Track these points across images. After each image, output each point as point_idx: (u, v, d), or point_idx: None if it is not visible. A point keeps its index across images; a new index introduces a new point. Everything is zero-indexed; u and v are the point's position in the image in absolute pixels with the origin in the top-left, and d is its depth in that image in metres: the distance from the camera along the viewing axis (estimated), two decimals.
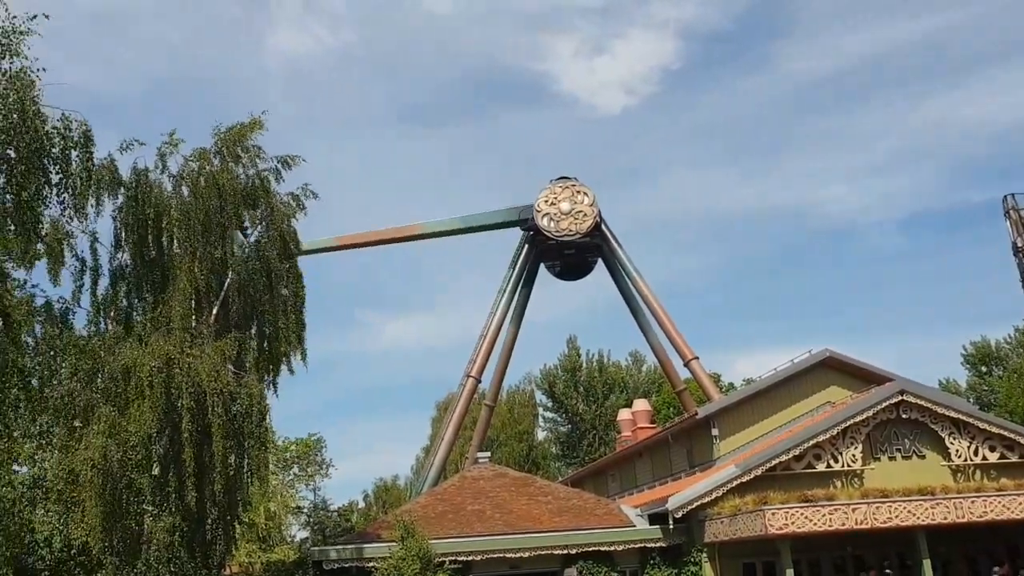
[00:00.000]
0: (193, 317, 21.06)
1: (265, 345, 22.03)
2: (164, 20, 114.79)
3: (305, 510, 40.49)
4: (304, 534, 39.55)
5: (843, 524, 23.56)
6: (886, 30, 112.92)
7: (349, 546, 26.11)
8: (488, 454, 34.33)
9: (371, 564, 24.80)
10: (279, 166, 22.01)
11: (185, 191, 21.27)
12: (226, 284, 21.69)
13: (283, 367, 22.45)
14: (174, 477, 19.40)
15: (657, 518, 26.42)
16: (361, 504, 70.98)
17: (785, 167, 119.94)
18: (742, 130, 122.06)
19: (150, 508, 19.61)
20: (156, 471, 19.93)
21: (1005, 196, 48.84)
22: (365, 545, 25.78)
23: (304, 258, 23.48)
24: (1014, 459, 27.29)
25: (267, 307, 21.76)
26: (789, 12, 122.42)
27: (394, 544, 24.54)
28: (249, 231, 22.64)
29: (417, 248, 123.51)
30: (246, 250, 22.20)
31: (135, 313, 21.52)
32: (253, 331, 22.34)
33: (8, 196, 14.84)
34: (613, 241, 49.29)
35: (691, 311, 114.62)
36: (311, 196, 22.74)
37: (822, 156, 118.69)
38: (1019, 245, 47.98)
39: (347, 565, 25.36)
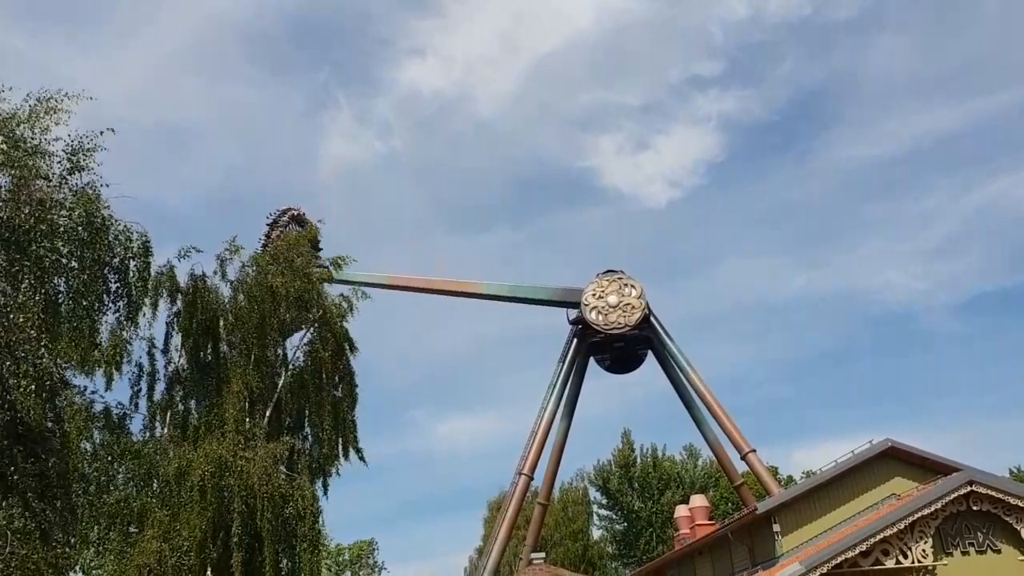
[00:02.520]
0: (247, 419, 21.27)
1: (317, 447, 22.09)
2: (224, 135, 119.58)
3: None
4: None
5: None
6: (932, 115, 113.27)
7: None
8: (543, 554, 33.61)
9: None
10: (331, 267, 22.53)
11: (241, 296, 21.80)
12: (279, 386, 21.95)
13: (337, 467, 22.49)
14: None
15: None
16: None
17: (838, 255, 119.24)
18: (792, 219, 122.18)
19: None
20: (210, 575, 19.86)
21: None
22: None
23: (353, 355, 23.66)
24: None
25: (319, 408, 21.93)
26: (832, 102, 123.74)
27: None
28: (303, 334, 23.03)
29: (469, 347, 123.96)
30: (299, 352, 22.56)
31: (190, 416, 21.84)
32: (306, 432, 22.49)
33: (67, 304, 15.32)
34: (663, 333, 48.92)
35: (747, 403, 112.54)
36: (363, 297, 23.16)
37: (875, 242, 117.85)
38: None
39: None
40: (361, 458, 22.38)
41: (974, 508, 26.03)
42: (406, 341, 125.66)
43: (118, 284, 16.65)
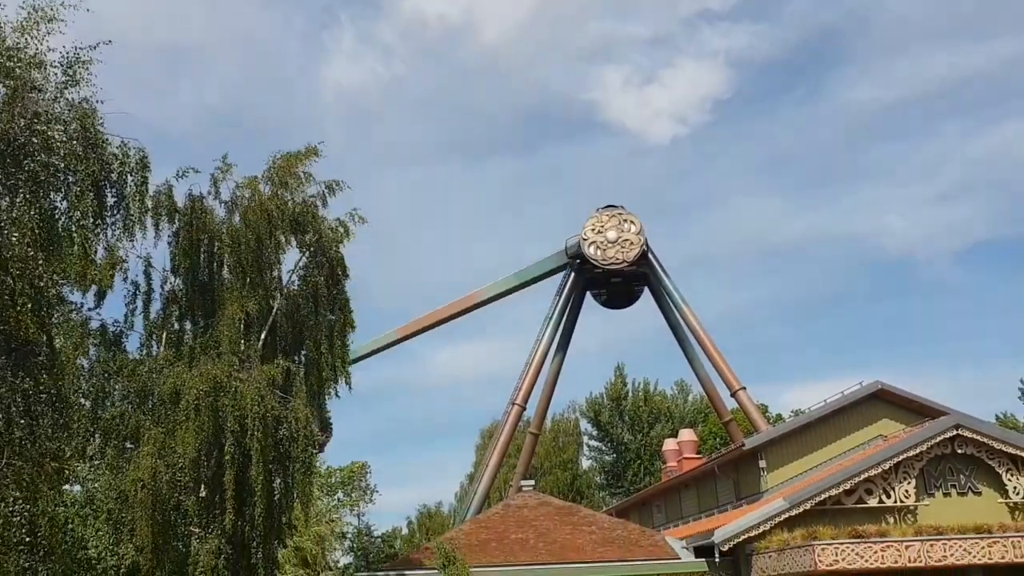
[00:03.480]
0: (242, 342, 21.36)
1: (311, 370, 22.21)
2: (224, 56, 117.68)
3: (349, 536, 40.62)
4: (348, 560, 39.62)
5: (895, 562, 22.96)
6: (946, 58, 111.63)
7: (392, 572, 26.10)
8: (532, 482, 34.13)
9: None
10: (325, 191, 22.33)
11: (236, 218, 21.69)
12: (274, 310, 21.99)
13: (331, 392, 22.68)
14: (219, 499, 19.63)
15: (703, 551, 25.99)
16: (405, 531, 71.01)
17: (842, 198, 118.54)
18: (797, 160, 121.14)
19: (196, 530, 19.84)
20: (204, 493, 20.19)
21: None
22: (408, 572, 25.75)
23: (352, 285, 23.64)
24: None
25: (314, 333, 22.00)
26: (845, 41, 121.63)
27: (436, 571, 24.47)
28: (299, 257, 22.96)
29: (469, 277, 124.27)
30: (295, 276, 22.54)
31: (186, 337, 21.92)
32: (301, 357, 22.61)
33: (63, 219, 15.25)
34: (660, 270, 49.05)
35: (744, 342, 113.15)
36: (360, 222, 22.97)
37: (880, 186, 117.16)
38: None
39: None
40: (347, 384, 22.55)
41: (959, 451, 26.44)
42: (407, 269, 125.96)
43: (115, 199, 16.54)
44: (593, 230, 47.76)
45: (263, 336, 21.67)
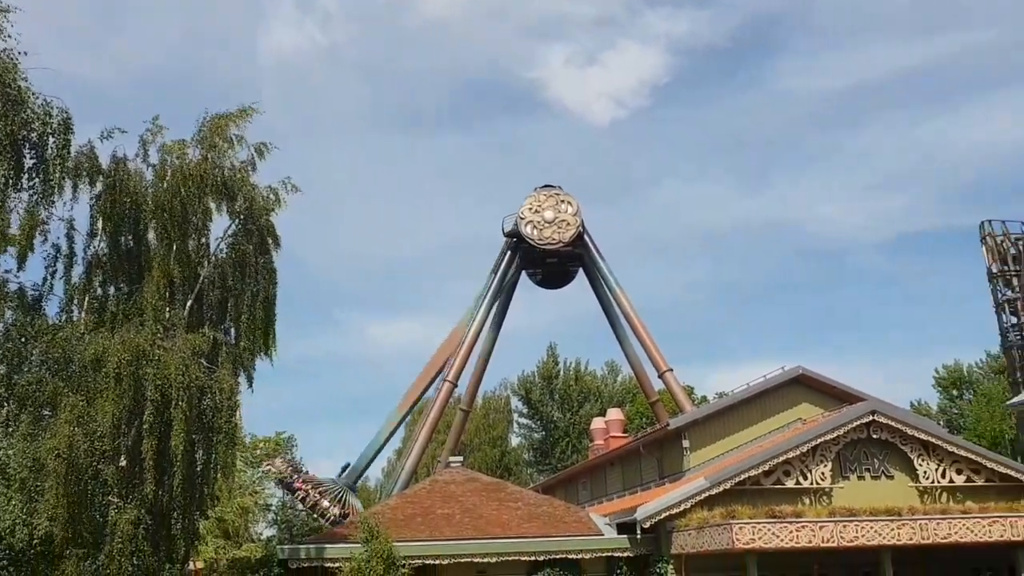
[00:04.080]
0: (167, 310, 20.90)
1: (238, 340, 21.85)
2: (160, 14, 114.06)
3: (273, 508, 40.25)
4: (271, 532, 39.28)
5: (810, 541, 23.66)
6: (884, 51, 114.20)
7: (315, 545, 25.98)
8: (461, 458, 34.28)
9: (336, 564, 24.69)
10: (254, 154, 21.83)
11: (163, 181, 21.12)
12: (201, 278, 21.55)
13: (257, 362, 22.34)
14: (139, 469, 19.25)
15: (625, 528, 26.46)
16: None
17: (778, 185, 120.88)
18: (735, 147, 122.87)
19: (115, 500, 19.43)
20: (124, 463, 19.77)
21: (982, 222, 49.68)
22: (331, 545, 25.66)
23: (285, 255, 23.28)
24: (980, 483, 27.54)
25: (241, 302, 21.62)
26: (785, 29, 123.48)
27: (359, 545, 24.44)
28: (228, 224, 22.48)
29: (402, 250, 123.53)
30: (223, 244, 22.08)
31: (109, 303, 21.34)
32: (228, 325, 22.22)
33: None
34: (595, 252, 49.46)
35: (676, 325, 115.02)
36: (292, 190, 22.57)
37: (814, 175, 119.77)
38: (994, 271, 48.66)
39: (312, 564, 25.24)
40: (268, 356, 22.19)
41: (874, 436, 27.32)
42: (346, 241, 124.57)
43: (35, 160, 15.97)
44: (530, 209, 47.88)
45: (189, 304, 21.23)
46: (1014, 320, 48.04)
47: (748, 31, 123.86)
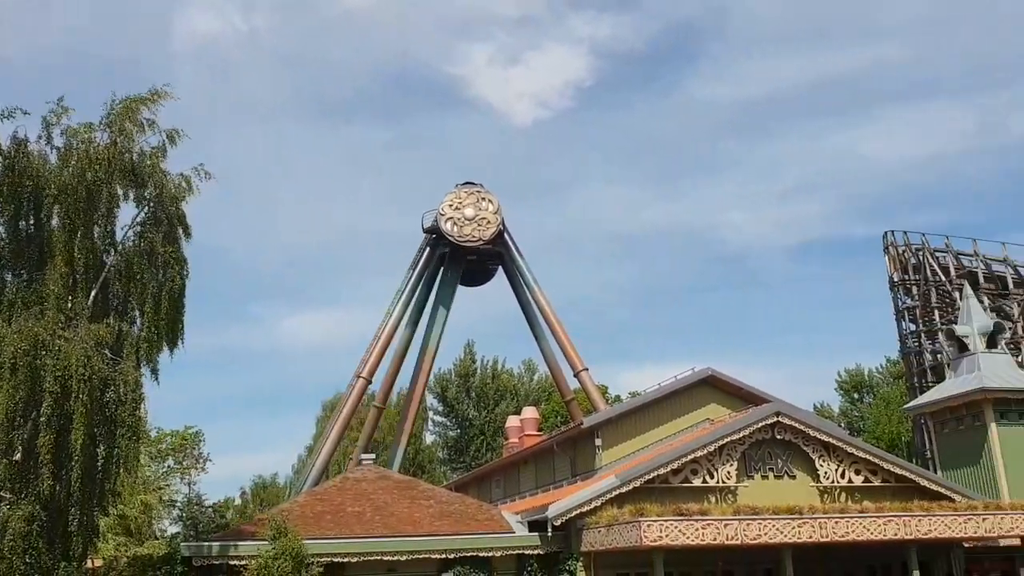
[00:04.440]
0: (69, 299, 20.14)
1: (143, 332, 21.17)
2: None
3: (178, 505, 39.22)
4: (176, 529, 38.27)
5: (715, 539, 24.18)
6: (796, 63, 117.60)
7: (221, 543, 25.38)
8: (373, 456, 33.98)
9: (242, 562, 24.19)
10: (165, 140, 21.18)
11: (68, 165, 20.32)
12: (107, 266, 20.83)
13: (165, 355, 21.69)
14: (35, 464, 18.50)
15: (537, 525, 26.62)
16: (238, 501, 69.29)
17: (692, 190, 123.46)
18: (653, 151, 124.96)
19: (7, 495, 18.64)
20: (18, 457, 18.98)
21: (885, 232, 51.50)
22: (238, 543, 25.10)
23: (197, 246, 22.66)
24: (877, 483, 28.60)
25: (148, 292, 20.95)
26: (703, 37, 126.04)
27: (267, 543, 23.99)
28: (137, 212, 21.76)
29: (319, 243, 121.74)
30: (131, 231, 21.36)
31: (7, 289, 20.44)
32: (134, 316, 21.52)
33: None
34: (515, 250, 49.65)
35: (589, 325, 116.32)
36: (206, 177, 21.96)
37: (726, 182, 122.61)
38: (895, 280, 50.58)
39: (218, 562, 24.66)
40: (175, 348, 21.57)
41: (778, 437, 28.11)
42: (262, 232, 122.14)
43: None
44: (451, 206, 47.80)
45: (93, 294, 20.49)
46: (913, 327, 50.00)
47: (668, 38, 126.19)
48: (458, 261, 49.19)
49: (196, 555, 24.73)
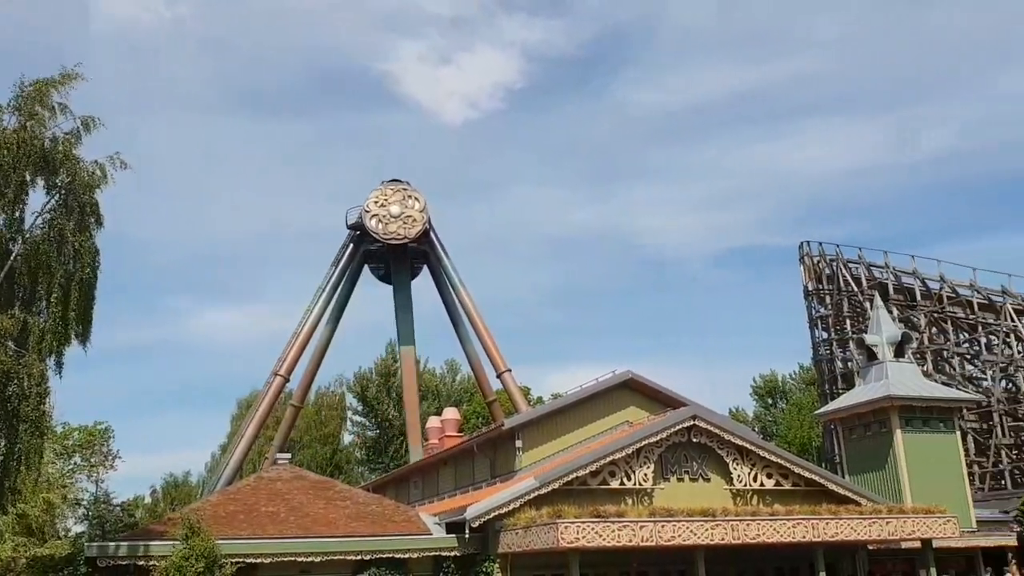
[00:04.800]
0: None
1: (50, 323, 20.34)
2: None
3: (84, 503, 37.86)
4: (81, 528, 36.91)
5: (630, 540, 24.41)
6: (724, 74, 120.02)
7: (129, 543, 24.58)
8: (289, 455, 33.36)
9: (151, 563, 23.47)
10: (80, 127, 20.39)
11: None
12: (13, 255, 19.96)
13: (73, 348, 20.88)
14: None
15: (454, 527, 26.50)
16: (148, 500, 67.41)
17: (618, 195, 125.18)
18: (581, 155, 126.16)
19: None
20: None
21: (802, 243, 53.04)
22: (147, 543, 24.34)
23: (111, 236, 21.91)
24: (788, 487, 29.32)
25: (56, 283, 20.14)
26: (634, 45, 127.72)
27: (178, 543, 23.34)
28: (47, 199, 20.90)
29: (245, 236, 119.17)
30: (39, 219, 20.50)
31: None
32: (41, 308, 20.66)
33: None
34: (440, 249, 49.47)
35: (515, 326, 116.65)
36: (122, 167, 21.20)
37: (654, 187, 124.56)
38: (810, 289, 52.07)
39: (125, 563, 23.87)
40: (84, 341, 20.80)
41: (694, 440, 28.58)
42: (179, 224, 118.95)
43: None
44: (376, 203, 47.39)
45: None
46: (825, 335, 51.57)
47: (600, 44, 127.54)
48: (382, 258, 48.81)
49: (102, 555, 23.88)
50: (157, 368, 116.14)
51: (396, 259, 48.65)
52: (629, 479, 27.46)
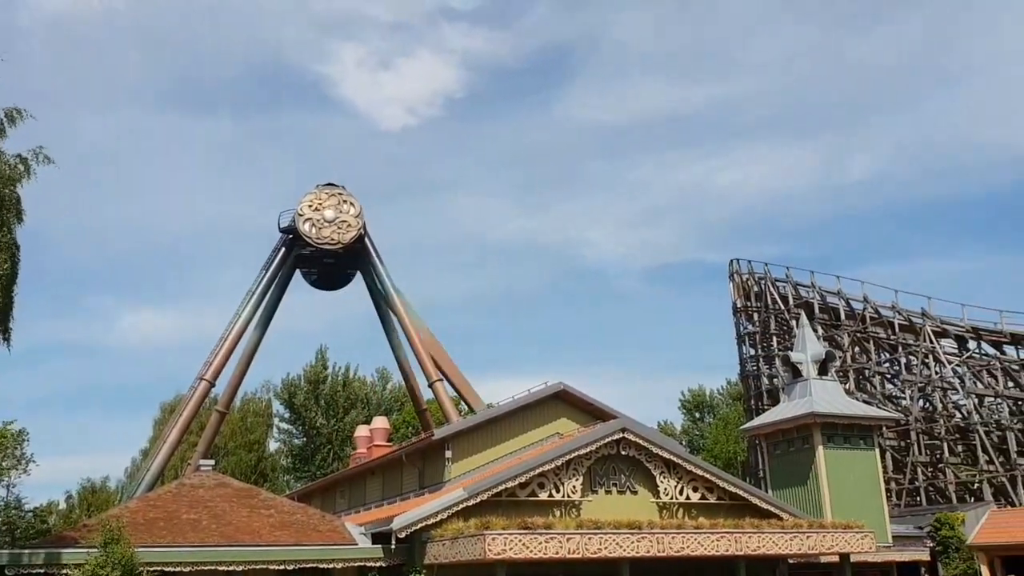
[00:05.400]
0: None
1: None
2: None
3: None
4: None
5: (557, 552, 24.44)
6: (658, 93, 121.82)
7: (42, 550, 23.70)
8: (212, 462, 32.61)
9: (64, 571, 22.66)
10: (3, 119, 19.69)
11: None
12: None
13: None
14: None
15: (380, 537, 26.19)
16: (63, 506, 65.15)
17: (555, 206, 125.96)
18: (520, 166, 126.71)
19: None
20: None
21: (731, 260, 54.10)
22: (61, 550, 23.50)
23: (30, 230, 21.13)
24: (713, 500, 29.74)
25: None
26: (576, 59, 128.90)
27: (93, 550, 22.58)
28: None
29: (167, 236, 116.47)
30: None
31: None
32: None
33: None
34: (375, 256, 49.05)
35: (448, 334, 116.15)
36: (45, 162, 20.51)
37: (590, 200, 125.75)
38: (738, 306, 53.07)
39: (37, 571, 22.99)
40: (4, 341, 20.03)
41: (623, 453, 28.79)
42: (104, 221, 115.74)
43: None
44: (310, 207, 46.81)
45: None
46: (752, 352, 52.61)
47: (542, 58, 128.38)
48: (314, 263, 48.18)
49: (12, 563, 22.96)
50: (76, 369, 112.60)
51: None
52: (558, 491, 27.52)
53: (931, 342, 49.25)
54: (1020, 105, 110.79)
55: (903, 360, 50.84)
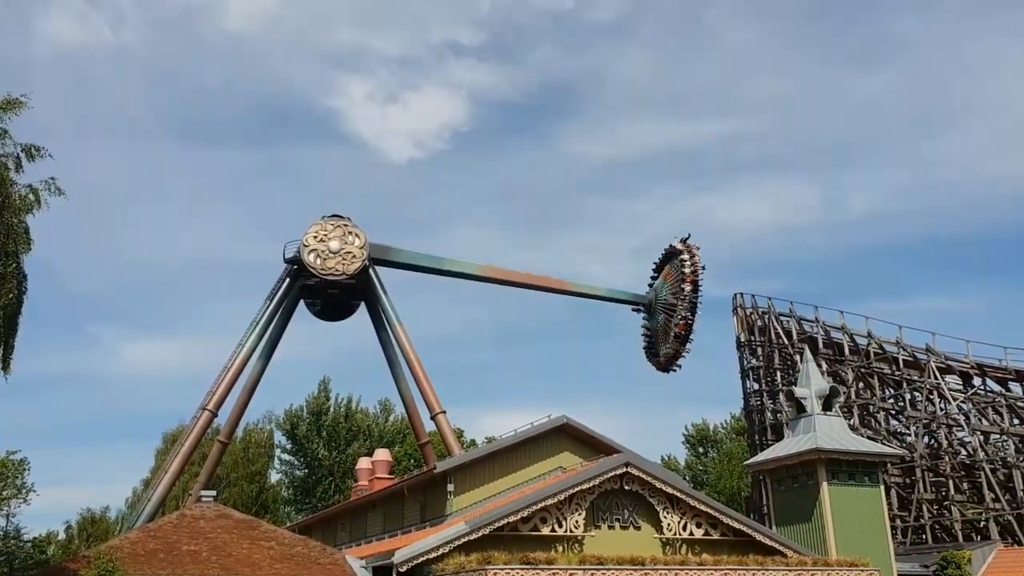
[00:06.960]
0: None
1: None
2: None
3: None
4: None
5: None
6: (663, 130, 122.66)
7: None
8: (214, 493, 32.43)
9: None
10: (21, 154, 19.89)
11: None
12: None
13: None
14: None
15: (381, 571, 25.98)
16: (62, 536, 64.76)
17: (557, 240, 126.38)
18: (523, 199, 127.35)
19: None
20: None
21: (735, 294, 54.12)
22: None
23: (37, 263, 21.20)
24: (716, 536, 29.48)
25: None
26: (579, 96, 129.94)
27: None
28: None
29: (179, 268, 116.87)
30: None
31: None
32: None
33: None
34: (379, 287, 49.06)
35: (451, 366, 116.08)
36: (56, 193, 20.69)
37: (589, 234, 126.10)
38: (742, 340, 52.97)
39: None
40: (4, 370, 20.04)
41: (626, 488, 28.62)
42: (111, 253, 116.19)
43: None
44: (315, 238, 46.91)
45: None
46: (756, 386, 52.41)
47: (545, 94, 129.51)
48: (318, 294, 48.23)
49: None
50: (78, 398, 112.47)
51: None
52: (560, 526, 27.32)
53: (936, 378, 49.05)
54: (1020, 142, 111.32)
55: (908, 396, 50.63)
